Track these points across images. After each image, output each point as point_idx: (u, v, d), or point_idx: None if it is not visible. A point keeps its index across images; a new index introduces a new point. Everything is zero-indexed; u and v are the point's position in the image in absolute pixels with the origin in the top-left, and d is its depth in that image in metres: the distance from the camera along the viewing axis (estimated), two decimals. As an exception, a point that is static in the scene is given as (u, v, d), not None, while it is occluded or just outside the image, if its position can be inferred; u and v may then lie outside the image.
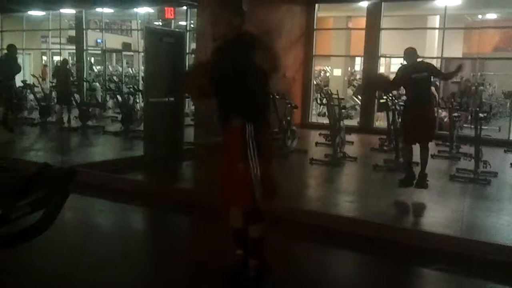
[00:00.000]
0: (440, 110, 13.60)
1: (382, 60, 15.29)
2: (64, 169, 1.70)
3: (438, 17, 16.81)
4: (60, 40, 19.15)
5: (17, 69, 11.05)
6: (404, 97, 8.53)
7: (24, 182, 1.80)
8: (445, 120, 12.91)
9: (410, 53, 6.86)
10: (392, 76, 7.50)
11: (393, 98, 10.31)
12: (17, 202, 1.72)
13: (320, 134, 11.34)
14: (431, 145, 11.10)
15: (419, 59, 6.99)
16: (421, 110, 6.76)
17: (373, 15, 13.74)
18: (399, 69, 7.06)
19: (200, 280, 4.04)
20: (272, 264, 3.83)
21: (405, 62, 6.99)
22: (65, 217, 1.33)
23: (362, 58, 14.80)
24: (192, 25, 15.11)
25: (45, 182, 1.79)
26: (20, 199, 1.73)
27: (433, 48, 17.85)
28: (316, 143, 10.90)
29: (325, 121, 11.11)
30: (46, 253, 4.34)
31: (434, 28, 17.35)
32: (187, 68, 9.34)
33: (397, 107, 9.53)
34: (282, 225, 5.54)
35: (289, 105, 10.33)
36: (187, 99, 11.92)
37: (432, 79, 7.24)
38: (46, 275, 4.06)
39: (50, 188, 1.67)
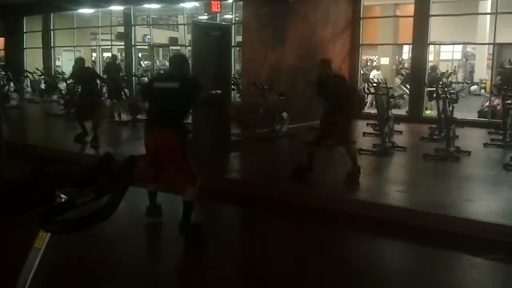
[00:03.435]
0: (492, 98, 13.21)
1: (431, 47, 14.94)
2: (125, 158, 1.77)
3: (489, 1, 16.26)
4: (111, 36, 19.61)
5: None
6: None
7: (88, 170, 1.89)
8: (498, 108, 12.52)
9: None
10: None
11: (444, 87, 10.10)
12: (82, 189, 1.81)
13: (367, 124, 11.22)
14: (483, 132, 10.97)
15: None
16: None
17: (422, 1, 13.41)
18: None
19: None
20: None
21: None
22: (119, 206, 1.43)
23: (411, 46, 14.50)
24: (237, 18, 15.19)
25: (108, 170, 1.88)
26: (85, 186, 1.82)
27: (484, 34, 17.30)
28: (364, 133, 10.78)
29: (373, 110, 10.96)
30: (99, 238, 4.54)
31: (486, 14, 16.79)
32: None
33: (448, 96, 9.31)
34: (327, 214, 5.59)
35: (336, 95, 10.24)
36: (232, 92, 12.02)
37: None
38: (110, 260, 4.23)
39: (113, 176, 1.75)
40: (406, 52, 21.17)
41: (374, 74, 16.61)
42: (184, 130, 5.00)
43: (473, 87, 20.78)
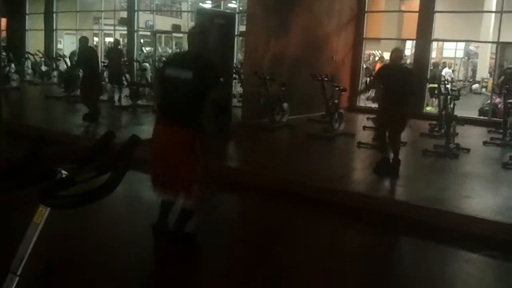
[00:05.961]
0: (494, 96, 13.21)
1: (434, 44, 14.89)
2: (128, 137, 1.76)
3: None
4: (114, 21, 19.51)
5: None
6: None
7: (90, 148, 1.89)
8: (499, 106, 12.51)
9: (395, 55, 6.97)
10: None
11: (445, 84, 10.09)
12: (83, 166, 1.80)
13: (368, 118, 11.20)
14: (483, 131, 10.98)
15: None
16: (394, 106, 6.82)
17: (427, -3, 13.37)
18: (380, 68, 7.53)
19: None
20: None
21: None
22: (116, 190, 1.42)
23: (414, 42, 14.46)
24: (241, 8, 15.14)
25: (110, 148, 1.87)
26: (86, 163, 1.82)
27: (488, 33, 17.28)
28: (364, 127, 10.78)
29: (373, 105, 10.95)
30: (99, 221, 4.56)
31: (491, 12, 16.73)
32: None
33: (449, 92, 9.30)
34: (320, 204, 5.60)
35: (337, 88, 10.24)
36: (234, 81, 12.00)
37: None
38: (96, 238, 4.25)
39: (114, 153, 1.74)
40: (409, 48, 21.15)
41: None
42: (198, 126, 4.05)
43: (475, 86, 20.78)
